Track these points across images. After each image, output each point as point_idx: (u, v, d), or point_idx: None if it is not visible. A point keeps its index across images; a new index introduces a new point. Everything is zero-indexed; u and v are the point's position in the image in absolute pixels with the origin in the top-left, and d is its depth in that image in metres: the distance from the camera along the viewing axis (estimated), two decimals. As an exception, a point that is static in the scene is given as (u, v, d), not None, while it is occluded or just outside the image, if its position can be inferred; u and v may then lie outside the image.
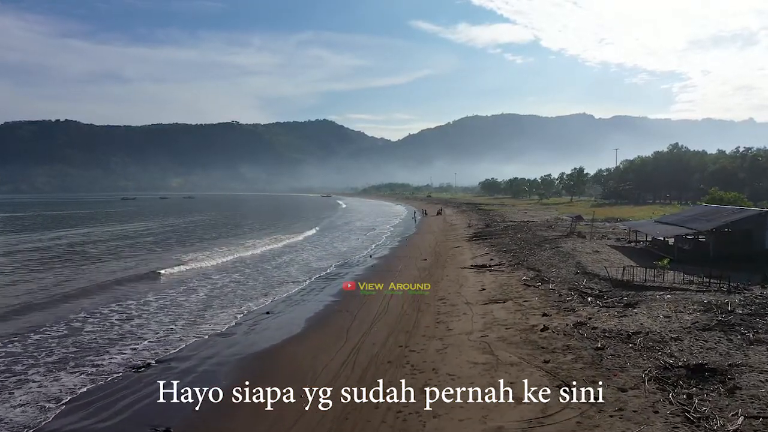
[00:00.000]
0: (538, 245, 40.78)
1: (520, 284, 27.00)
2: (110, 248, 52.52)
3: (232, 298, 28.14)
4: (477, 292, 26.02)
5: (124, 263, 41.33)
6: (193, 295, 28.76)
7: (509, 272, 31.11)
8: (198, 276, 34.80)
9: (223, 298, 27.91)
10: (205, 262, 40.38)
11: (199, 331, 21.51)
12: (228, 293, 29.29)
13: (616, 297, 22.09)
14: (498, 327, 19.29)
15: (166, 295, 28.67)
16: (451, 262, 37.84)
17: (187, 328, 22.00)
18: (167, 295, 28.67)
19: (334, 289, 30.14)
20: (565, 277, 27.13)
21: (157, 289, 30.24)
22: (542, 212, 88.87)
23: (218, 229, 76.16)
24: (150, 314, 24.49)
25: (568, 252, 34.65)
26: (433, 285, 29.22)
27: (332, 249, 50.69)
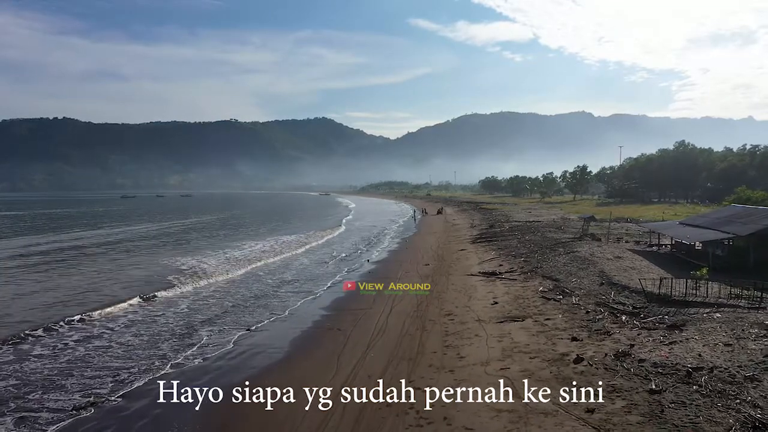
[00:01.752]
0: (550, 249, 37.47)
1: (538, 296, 23.70)
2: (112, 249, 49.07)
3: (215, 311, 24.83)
4: (489, 307, 22.71)
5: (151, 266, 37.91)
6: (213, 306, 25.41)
7: (523, 281, 27.80)
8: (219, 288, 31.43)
9: (205, 312, 24.60)
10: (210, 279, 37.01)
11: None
12: (211, 306, 25.97)
13: (656, 315, 18.79)
14: (520, 355, 15.97)
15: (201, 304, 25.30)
16: (456, 268, 34.54)
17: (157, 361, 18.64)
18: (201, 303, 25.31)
19: (325, 301, 26.80)
20: (589, 289, 23.82)
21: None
22: (546, 211, 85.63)
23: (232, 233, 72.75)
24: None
25: (586, 257, 31.32)
26: (438, 295, 25.95)
27: (329, 251, 47.22)
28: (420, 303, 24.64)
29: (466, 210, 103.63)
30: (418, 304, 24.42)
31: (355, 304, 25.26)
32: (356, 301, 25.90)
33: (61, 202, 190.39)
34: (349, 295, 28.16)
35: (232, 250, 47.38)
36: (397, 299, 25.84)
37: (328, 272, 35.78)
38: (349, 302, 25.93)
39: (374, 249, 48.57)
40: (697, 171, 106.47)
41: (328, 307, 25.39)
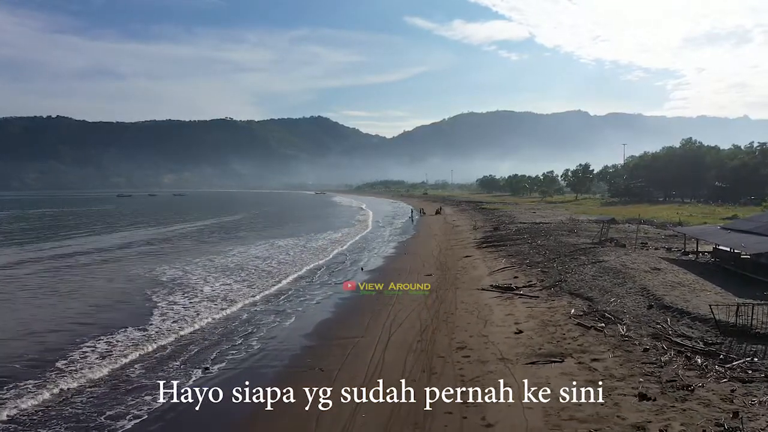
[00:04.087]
0: (569, 257, 32.82)
1: (571, 322, 19.03)
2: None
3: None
4: (512, 337, 18.00)
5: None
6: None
7: (546, 299, 23.11)
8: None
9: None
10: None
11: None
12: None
13: (743, 358, 14.11)
14: (572, 426, 11.28)
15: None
16: (463, 280, 29.85)
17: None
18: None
19: (308, 324, 22.08)
20: (636, 314, 19.12)
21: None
22: (551, 211, 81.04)
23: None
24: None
25: (617, 269, 26.63)
26: (446, 318, 21.29)
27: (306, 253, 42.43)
28: (424, 329, 19.98)
29: (466, 210, 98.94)
30: (422, 331, 19.75)
31: (345, 331, 20.55)
32: (346, 327, 21.18)
33: (48, 202, 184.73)
34: (339, 315, 23.55)
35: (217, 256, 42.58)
36: (396, 322, 21.21)
37: (315, 283, 31.06)
38: (338, 328, 21.22)
39: (369, 254, 43.84)
40: (705, 169, 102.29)
41: (311, 334, 20.65)
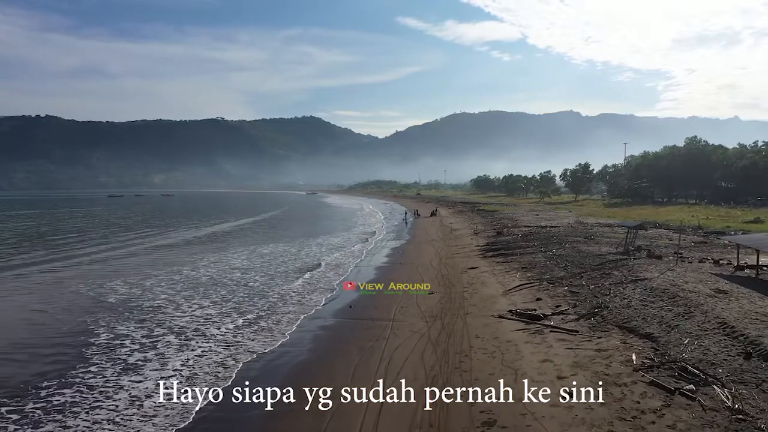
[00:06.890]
0: (598, 271, 27.48)
1: (636, 376, 13.64)
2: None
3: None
4: (561, 405, 12.44)
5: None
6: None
7: (589, 334, 17.68)
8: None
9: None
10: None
11: None
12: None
13: None
14: None
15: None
16: (472, 301, 24.38)
17: None
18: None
19: (281, 373, 16.57)
20: (730, 365, 13.75)
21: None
22: (554, 213, 76.04)
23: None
24: None
25: (669, 290, 21.25)
26: (459, 364, 15.84)
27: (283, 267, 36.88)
28: (431, 380, 14.51)
29: (462, 211, 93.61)
30: (428, 384, 14.30)
31: (324, 380, 14.98)
32: (327, 375, 15.59)
33: (29, 203, 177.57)
34: (318, 355, 18.06)
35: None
36: (391, 369, 15.77)
37: (292, 302, 25.47)
38: (316, 378, 15.65)
39: (360, 264, 38.32)
40: (711, 169, 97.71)
41: (277, 412, 15.04)
